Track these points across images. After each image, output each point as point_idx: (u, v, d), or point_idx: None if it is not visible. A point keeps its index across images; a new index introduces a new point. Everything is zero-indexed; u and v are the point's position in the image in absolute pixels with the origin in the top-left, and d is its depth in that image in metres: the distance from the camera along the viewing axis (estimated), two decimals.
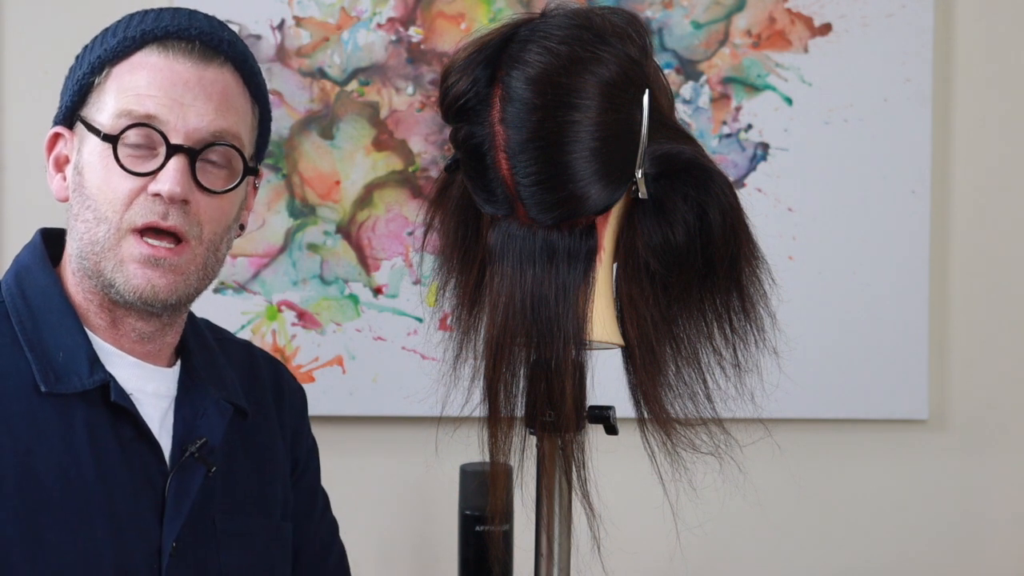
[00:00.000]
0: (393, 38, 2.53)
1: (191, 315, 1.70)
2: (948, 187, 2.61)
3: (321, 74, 2.52)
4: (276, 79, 2.51)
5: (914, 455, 2.62)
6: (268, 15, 2.51)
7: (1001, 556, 2.64)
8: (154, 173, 1.55)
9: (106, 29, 1.64)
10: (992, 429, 2.63)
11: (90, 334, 1.60)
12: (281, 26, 2.51)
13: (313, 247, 2.52)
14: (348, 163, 2.53)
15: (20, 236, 2.44)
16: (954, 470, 2.63)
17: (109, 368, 1.58)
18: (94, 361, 1.57)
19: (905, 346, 2.58)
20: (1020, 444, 2.64)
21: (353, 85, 2.52)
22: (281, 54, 2.51)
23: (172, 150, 1.55)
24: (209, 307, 2.46)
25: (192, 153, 1.56)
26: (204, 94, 1.58)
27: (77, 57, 1.66)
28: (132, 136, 1.56)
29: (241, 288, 2.51)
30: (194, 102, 1.57)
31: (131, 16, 1.64)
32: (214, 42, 1.60)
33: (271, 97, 2.49)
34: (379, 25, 2.53)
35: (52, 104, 2.51)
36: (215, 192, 1.58)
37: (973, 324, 2.62)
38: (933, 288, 2.59)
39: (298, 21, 2.52)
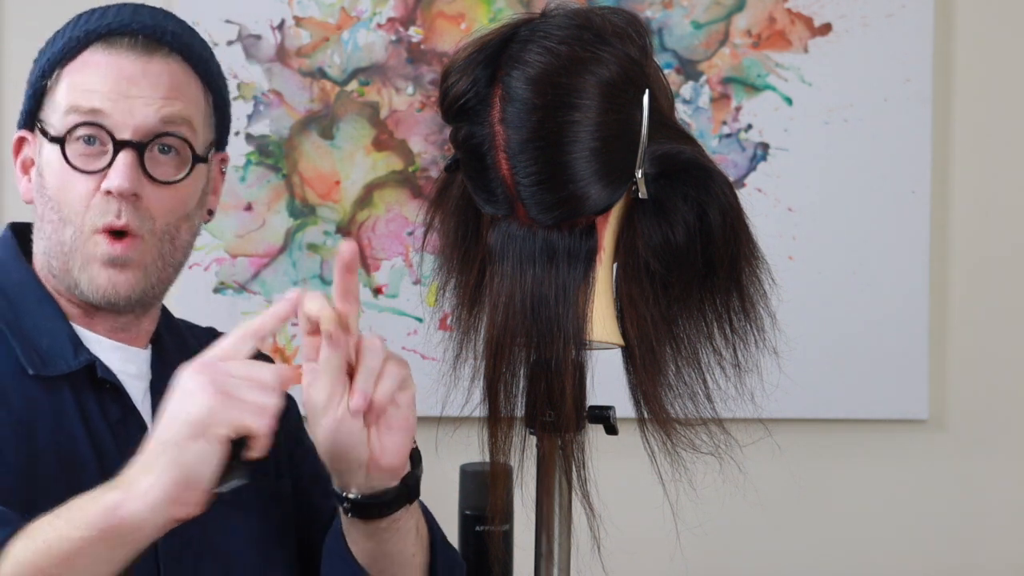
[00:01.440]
0: (393, 38, 2.53)
1: (163, 308, 1.72)
2: (948, 187, 2.61)
3: (321, 74, 2.52)
4: (276, 79, 2.51)
5: (914, 455, 2.62)
6: (268, 15, 2.51)
7: (1001, 556, 2.64)
8: (104, 170, 1.58)
9: (56, 31, 1.67)
10: (992, 429, 2.63)
11: (70, 322, 1.62)
12: (281, 26, 2.51)
13: (313, 247, 2.52)
14: (348, 163, 2.53)
15: None
16: (954, 470, 2.63)
17: (93, 351, 1.60)
18: (78, 344, 1.60)
19: (905, 346, 2.58)
20: (1020, 444, 2.64)
21: (353, 85, 2.52)
22: (281, 54, 2.51)
23: (119, 146, 1.57)
24: (209, 307, 2.47)
25: (139, 147, 1.58)
26: (149, 85, 1.59)
27: (34, 61, 1.68)
28: (80, 134, 1.58)
29: (241, 288, 2.51)
30: (140, 94, 1.59)
31: (79, 16, 1.66)
32: (157, 34, 1.62)
33: (271, 96, 2.51)
34: (379, 25, 2.53)
35: None
36: (165, 182, 1.60)
37: (973, 324, 2.62)
38: (933, 288, 2.59)
39: (298, 21, 2.52)
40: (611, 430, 1.49)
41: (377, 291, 2.52)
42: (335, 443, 1.42)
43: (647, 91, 1.42)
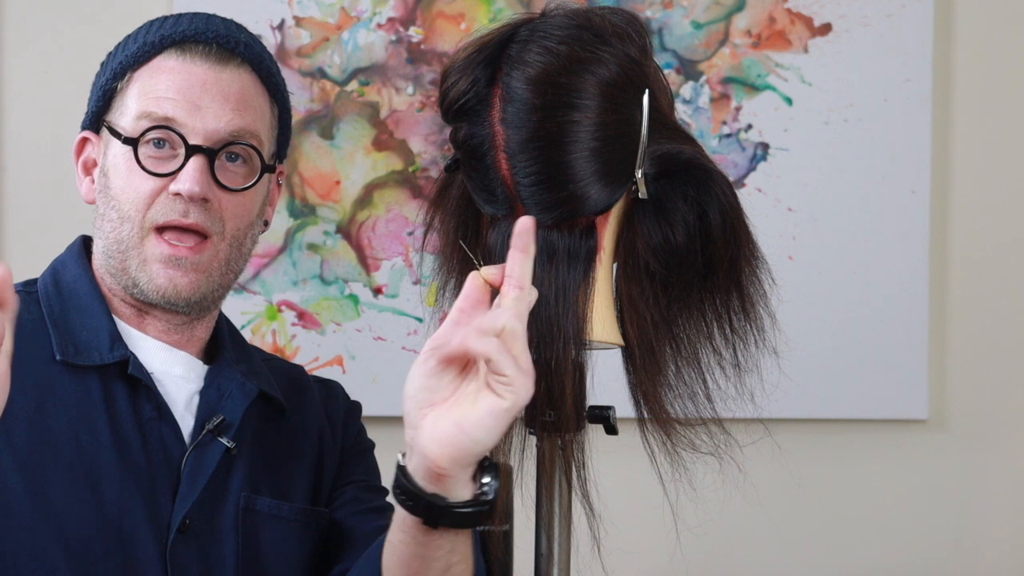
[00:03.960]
0: (393, 38, 2.53)
1: (234, 328, 1.75)
2: (948, 187, 2.61)
3: (321, 74, 2.52)
4: None
5: (914, 455, 2.62)
6: (268, 15, 2.51)
7: (1001, 556, 2.64)
8: (174, 174, 1.60)
9: (128, 36, 1.69)
10: (992, 429, 2.63)
11: (117, 320, 1.65)
12: (281, 26, 2.51)
13: (313, 247, 2.52)
14: (348, 163, 2.53)
15: (20, 236, 2.44)
16: (954, 470, 2.63)
17: (135, 349, 1.63)
18: (116, 339, 1.62)
19: (905, 346, 2.58)
20: (1020, 444, 2.64)
21: (353, 85, 2.53)
22: (281, 54, 2.51)
23: (191, 150, 1.60)
24: None
25: (210, 153, 1.60)
26: (221, 95, 1.62)
27: (102, 64, 1.70)
28: (151, 137, 1.61)
29: (241, 288, 2.51)
30: (211, 103, 1.61)
31: (151, 22, 1.68)
32: (230, 44, 1.65)
33: None
34: (379, 25, 2.53)
35: (53, 105, 2.51)
36: (234, 190, 1.62)
37: (973, 324, 2.62)
38: (933, 288, 2.59)
39: (298, 21, 2.52)
40: (611, 430, 1.49)
41: (377, 291, 2.52)
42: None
43: (647, 91, 1.42)
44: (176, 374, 1.64)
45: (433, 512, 1.34)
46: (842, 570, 2.61)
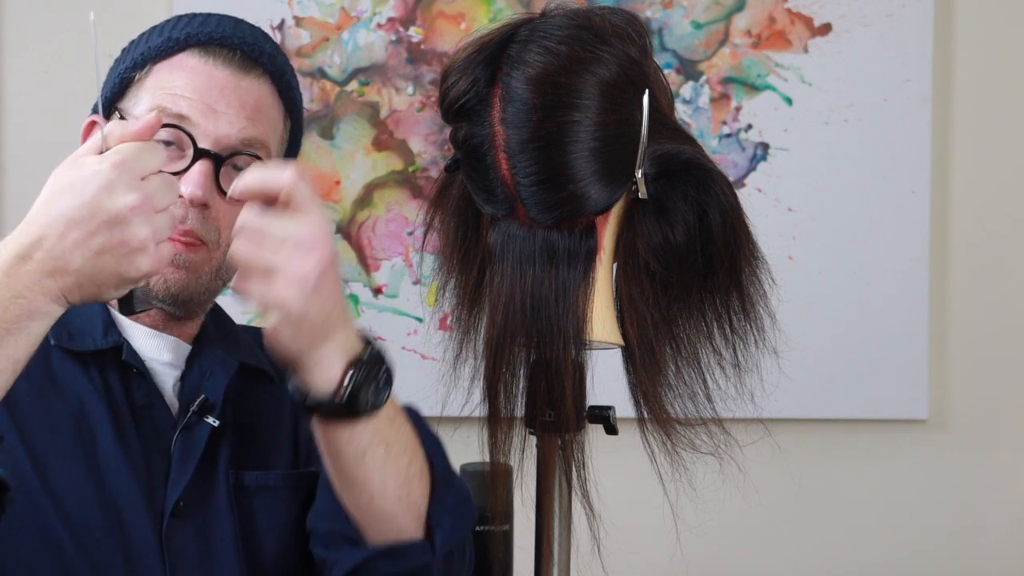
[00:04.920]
0: (393, 38, 2.53)
1: (216, 305, 1.74)
2: (948, 187, 2.61)
3: (321, 74, 2.52)
4: None
5: (914, 455, 2.62)
6: (268, 15, 2.51)
7: (1001, 556, 2.64)
8: (179, 174, 1.58)
9: (152, 28, 1.68)
10: (992, 429, 2.63)
11: (109, 307, 1.64)
12: (281, 26, 2.51)
13: None
14: (348, 163, 2.53)
15: None
16: (954, 470, 2.63)
17: (126, 335, 1.62)
18: (109, 325, 1.62)
19: (905, 346, 2.58)
20: (1020, 444, 2.64)
21: (353, 85, 2.53)
22: None
23: (199, 154, 1.59)
24: None
25: (218, 159, 1.59)
26: (238, 102, 1.61)
27: (123, 50, 1.69)
28: (162, 135, 1.59)
29: None
30: (227, 109, 1.60)
31: (179, 18, 1.68)
32: (255, 53, 1.64)
33: None
34: (379, 25, 2.53)
35: (53, 105, 2.51)
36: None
37: (973, 324, 2.62)
38: (933, 288, 2.59)
39: (298, 21, 2.52)
40: (611, 430, 1.49)
41: (377, 291, 2.52)
42: None
43: (647, 91, 1.42)
44: (164, 360, 1.64)
45: (297, 399, 1.48)
46: (842, 570, 2.62)
